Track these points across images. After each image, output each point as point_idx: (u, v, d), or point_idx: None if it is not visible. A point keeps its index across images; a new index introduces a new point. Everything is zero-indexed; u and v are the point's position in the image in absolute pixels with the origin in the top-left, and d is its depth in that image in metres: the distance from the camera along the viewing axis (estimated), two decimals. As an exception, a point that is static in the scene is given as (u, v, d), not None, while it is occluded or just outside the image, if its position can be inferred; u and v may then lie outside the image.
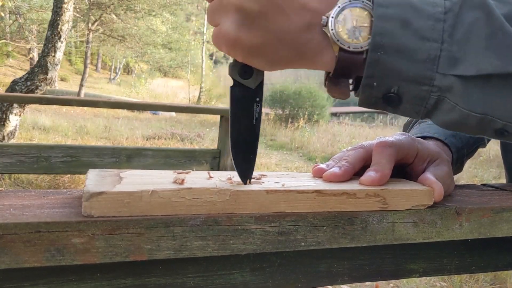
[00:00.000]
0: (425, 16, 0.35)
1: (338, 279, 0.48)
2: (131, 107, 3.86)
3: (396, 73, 0.36)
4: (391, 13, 0.35)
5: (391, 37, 0.35)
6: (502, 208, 0.48)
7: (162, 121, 10.80)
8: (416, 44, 0.35)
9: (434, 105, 0.37)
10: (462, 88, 0.35)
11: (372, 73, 0.36)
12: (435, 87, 0.36)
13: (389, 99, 0.38)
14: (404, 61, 0.35)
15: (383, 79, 0.36)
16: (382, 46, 0.35)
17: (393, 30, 0.35)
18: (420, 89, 0.36)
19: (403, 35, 0.35)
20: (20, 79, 4.52)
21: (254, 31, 0.37)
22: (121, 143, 7.00)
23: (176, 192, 0.37)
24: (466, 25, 0.35)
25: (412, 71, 0.35)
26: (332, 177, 0.46)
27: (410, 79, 0.36)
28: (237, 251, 0.39)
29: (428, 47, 0.35)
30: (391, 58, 0.35)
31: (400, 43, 0.35)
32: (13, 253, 0.32)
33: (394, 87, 0.37)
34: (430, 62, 0.35)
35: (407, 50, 0.35)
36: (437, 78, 0.35)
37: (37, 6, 11.73)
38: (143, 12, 13.25)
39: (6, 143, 3.65)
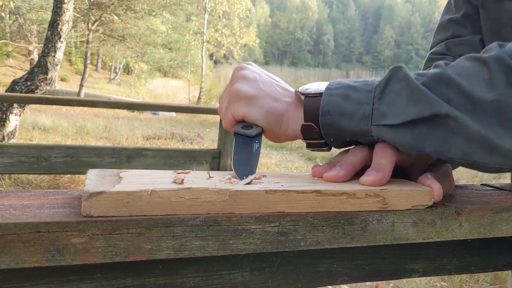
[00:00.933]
0: (360, 90, 0.47)
1: (338, 279, 0.48)
2: (131, 107, 3.87)
3: (343, 130, 0.47)
4: (335, 92, 0.48)
5: (335, 106, 0.47)
6: (502, 208, 0.48)
7: (162, 121, 10.80)
8: (354, 108, 0.46)
9: None
10: (393, 135, 0.45)
11: (327, 133, 0.48)
12: (375, 136, 0.46)
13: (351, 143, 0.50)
14: (347, 121, 0.47)
15: (336, 136, 0.48)
16: (328, 113, 0.47)
17: (336, 101, 0.47)
18: (365, 139, 0.47)
19: (344, 104, 0.47)
20: (20, 79, 4.52)
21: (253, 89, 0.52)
22: (121, 143, 7.01)
23: (175, 192, 0.37)
24: (392, 92, 0.45)
25: (353, 128, 0.46)
26: (333, 178, 0.46)
27: (354, 134, 0.47)
28: (237, 251, 0.39)
29: (363, 109, 0.46)
30: (336, 120, 0.47)
31: (342, 109, 0.47)
32: (13, 253, 0.32)
33: (347, 139, 0.49)
34: (365, 119, 0.46)
35: (348, 113, 0.46)
36: (373, 130, 0.46)
37: (37, 6, 11.72)
38: (143, 12, 13.25)
39: (6, 143, 3.65)
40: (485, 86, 0.43)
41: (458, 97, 0.43)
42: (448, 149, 0.44)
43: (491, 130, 0.42)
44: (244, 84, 0.51)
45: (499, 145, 0.42)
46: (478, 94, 0.42)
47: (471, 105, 0.43)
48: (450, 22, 0.84)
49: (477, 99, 0.42)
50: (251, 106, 0.50)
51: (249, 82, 0.51)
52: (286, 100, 0.52)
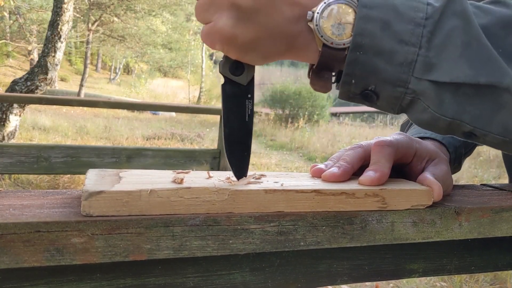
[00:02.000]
0: (406, 20, 0.36)
1: (338, 279, 0.48)
2: (131, 107, 3.87)
3: (373, 73, 0.37)
4: (373, 14, 0.36)
5: (371, 38, 0.36)
6: (501, 208, 0.48)
7: (162, 121, 10.80)
8: (394, 47, 0.36)
9: (409, 104, 0.39)
10: (434, 93, 0.37)
11: (351, 71, 0.38)
12: (409, 90, 0.38)
13: (366, 96, 0.40)
14: (382, 62, 0.37)
15: (360, 78, 0.38)
16: (361, 46, 0.37)
17: (374, 31, 0.36)
18: (396, 90, 0.38)
19: (383, 37, 0.36)
20: (20, 79, 4.52)
21: (249, 27, 0.38)
22: (121, 143, 7.00)
23: (174, 191, 0.37)
24: (444, 32, 0.36)
25: (389, 73, 0.37)
26: (331, 177, 0.46)
27: (386, 80, 0.38)
28: (237, 251, 0.39)
29: (405, 51, 0.36)
30: (369, 59, 0.37)
31: (379, 44, 0.36)
32: (13, 253, 0.32)
33: (371, 86, 0.39)
34: (406, 66, 0.37)
35: (385, 52, 0.37)
36: (412, 81, 0.37)
37: (37, 6, 11.73)
38: (143, 12, 13.25)
39: (6, 143, 3.65)
40: None
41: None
42: (489, 122, 0.38)
43: None
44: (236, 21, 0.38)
45: None
46: None
47: None
48: None
49: None
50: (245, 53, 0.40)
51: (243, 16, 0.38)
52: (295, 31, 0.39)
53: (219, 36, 0.39)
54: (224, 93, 0.42)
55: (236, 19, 0.38)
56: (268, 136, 9.73)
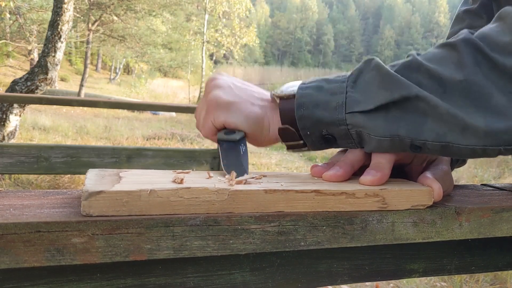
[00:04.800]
0: (333, 81, 0.48)
1: (338, 279, 0.48)
2: (131, 107, 3.87)
3: (318, 121, 0.47)
4: (309, 85, 0.49)
5: (309, 97, 0.47)
6: (502, 208, 0.48)
7: (162, 121, 10.80)
8: (328, 98, 0.47)
9: (358, 138, 0.47)
10: (368, 121, 0.45)
11: (303, 125, 0.48)
12: (349, 125, 0.46)
13: (328, 140, 0.49)
14: (321, 111, 0.47)
15: (312, 128, 0.48)
16: (303, 105, 0.47)
17: (311, 93, 0.48)
18: (340, 129, 0.47)
19: (318, 95, 0.47)
20: (20, 79, 4.52)
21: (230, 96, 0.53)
22: (121, 143, 7.00)
23: (174, 191, 0.37)
24: (364, 80, 0.46)
25: (329, 117, 0.47)
26: (332, 177, 0.46)
27: (330, 123, 0.47)
28: (237, 251, 0.39)
29: (336, 98, 0.46)
30: (311, 111, 0.47)
31: (316, 100, 0.47)
32: (13, 253, 0.32)
33: (323, 131, 0.48)
34: (339, 108, 0.46)
35: (322, 104, 0.47)
36: (347, 117, 0.46)
37: (37, 6, 11.72)
38: (143, 12, 13.25)
39: (6, 143, 3.65)
40: (454, 67, 0.44)
41: (428, 81, 0.44)
42: (421, 131, 0.44)
43: (462, 110, 0.42)
44: (220, 91, 0.51)
45: (470, 123, 0.42)
46: (447, 76, 0.43)
47: (441, 87, 0.43)
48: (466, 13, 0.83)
49: (446, 81, 0.43)
50: (230, 112, 0.50)
51: (224, 89, 0.52)
52: (263, 104, 0.52)
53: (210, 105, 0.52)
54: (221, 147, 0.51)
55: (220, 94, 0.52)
56: (268, 136, 9.69)
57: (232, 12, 22.23)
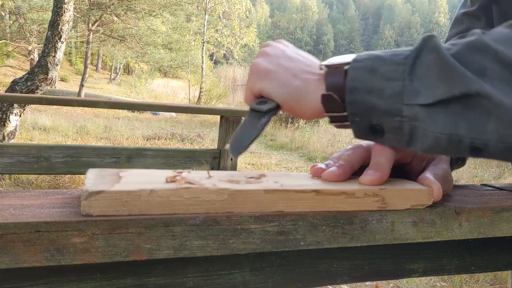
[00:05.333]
0: (389, 63, 0.43)
1: (338, 279, 0.48)
2: (131, 107, 3.87)
3: (371, 109, 0.43)
4: (361, 65, 0.44)
5: (362, 81, 0.43)
6: (501, 208, 0.48)
7: (162, 121, 10.80)
8: (382, 84, 0.42)
9: (410, 134, 0.43)
10: (426, 115, 0.41)
11: (353, 111, 0.44)
12: (405, 117, 0.42)
13: (375, 130, 0.45)
14: (375, 98, 0.43)
15: (362, 115, 0.44)
16: (355, 89, 0.43)
17: (363, 75, 0.43)
18: (394, 120, 0.43)
19: (372, 79, 0.43)
20: (20, 79, 4.52)
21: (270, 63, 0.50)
22: (122, 143, 7.01)
23: (174, 191, 0.37)
24: (423, 65, 0.42)
25: (383, 106, 0.42)
26: (331, 177, 0.46)
27: (383, 113, 0.43)
28: (237, 251, 0.39)
29: (393, 85, 0.42)
30: (364, 97, 0.43)
31: (369, 85, 0.43)
32: (13, 253, 0.32)
33: (373, 120, 0.44)
34: (396, 97, 0.42)
35: (376, 90, 0.43)
36: (404, 109, 0.42)
37: (38, 6, 11.73)
38: (143, 12, 13.25)
39: (6, 143, 3.64)
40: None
41: (495, 66, 0.39)
42: (483, 131, 0.40)
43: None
44: (264, 59, 0.50)
45: None
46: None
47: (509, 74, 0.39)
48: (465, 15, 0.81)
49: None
50: (267, 80, 0.49)
51: (269, 57, 0.50)
52: (307, 76, 0.48)
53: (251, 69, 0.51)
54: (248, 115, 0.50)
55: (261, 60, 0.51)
56: (268, 136, 9.73)
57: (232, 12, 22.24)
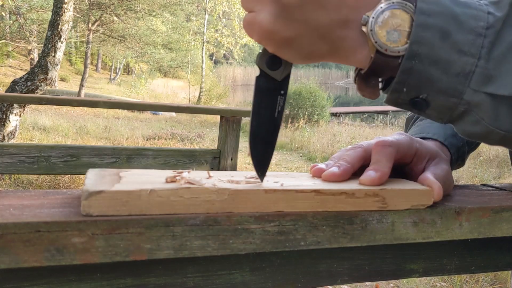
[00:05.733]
0: (466, 29, 0.35)
1: (338, 279, 0.48)
2: (131, 107, 3.87)
3: (427, 82, 0.36)
4: (431, 22, 0.35)
5: (428, 47, 0.35)
6: (502, 208, 0.48)
7: (162, 121, 10.80)
8: (452, 57, 0.35)
9: (460, 116, 0.38)
10: (491, 106, 0.35)
11: (404, 80, 0.36)
12: (463, 101, 0.36)
13: (416, 103, 0.38)
14: (438, 72, 0.35)
15: (413, 87, 0.37)
16: (418, 55, 0.35)
17: (432, 40, 0.35)
18: (449, 100, 0.36)
19: (441, 46, 0.35)
20: (20, 79, 4.52)
21: (291, 24, 0.37)
22: (121, 143, 7.01)
23: (174, 191, 0.37)
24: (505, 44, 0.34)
25: (444, 83, 0.35)
26: (331, 177, 0.46)
27: (440, 90, 0.36)
28: (237, 251, 0.39)
29: (464, 62, 0.35)
30: (425, 68, 0.35)
31: (437, 54, 0.35)
32: (13, 253, 0.32)
33: (423, 94, 0.37)
34: (463, 77, 0.35)
35: (442, 62, 0.35)
36: (468, 92, 0.35)
37: (37, 6, 11.73)
38: (143, 12, 13.25)
39: (6, 143, 3.64)
40: None
41: None
42: None
43: None
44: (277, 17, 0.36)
45: None
46: None
47: None
48: None
49: None
50: (287, 50, 0.38)
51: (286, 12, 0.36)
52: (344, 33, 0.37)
53: (258, 28, 0.37)
54: (257, 86, 0.41)
55: (277, 15, 0.36)
56: (268, 136, 9.69)
57: (232, 12, 22.24)
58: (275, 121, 0.42)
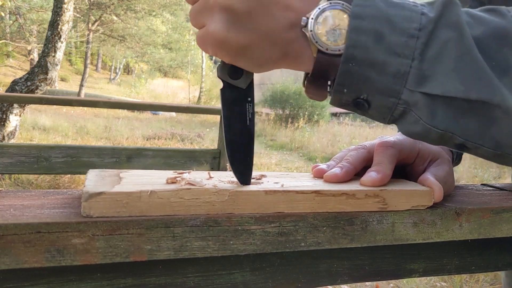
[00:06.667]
0: (399, 31, 0.35)
1: (338, 279, 0.48)
2: (131, 107, 3.87)
3: (365, 83, 0.37)
4: (365, 26, 0.35)
5: (364, 51, 0.35)
6: (502, 209, 0.48)
7: (162, 121, 10.80)
8: (387, 58, 0.35)
9: (400, 115, 0.39)
10: (427, 105, 0.36)
11: (343, 81, 0.37)
12: (401, 100, 0.37)
13: (358, 104, 0.39)
14: (374, 74, 0.36)
15: (352, 88, 0.37)
16: (354, 58, 0.36)
17: (366, 43, 0.35)
18: (388, 100, 0.37)
19: (376, 49, 0.35)
20: (20, 79, 4.52)
21: (241, 31, 0.37)
22: (121, 143, 7.01)
23: (175, 192, 0.37)
24: (438, 44, 0.35)
25: (381, 84, 0.36)
26: (333, 178, 0.46)
27: (378, 91, 0.37)
28: (237, 252, 0.39)
29: (398, 63, 0.35)
30: (362, 70, 0.36)
31: (372, 57, 0.36)
32: (13, 253, 0.32)
33: (363, 95, 0.38)
34: (399, 77, 0.36)
35: (378, 64, 0.36)
36: (405, 92, 0.36)
37: (37, 6, 11.73)
38: (143, 12, 13.26)
39: (6, 143, 3.64)
40: None
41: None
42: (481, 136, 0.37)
43: None
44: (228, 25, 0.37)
45: None
46: None
47: None
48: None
49: None
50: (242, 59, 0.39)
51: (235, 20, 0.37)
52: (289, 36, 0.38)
53: (212, 39, 0.38)
54: (223, 98, 0.41)
55: (228, 23, 0.37)
56: (268, 136, 9.73)
57: (232, 12, 22.17)
58: (249, 129, 0.42)
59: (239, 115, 0.42)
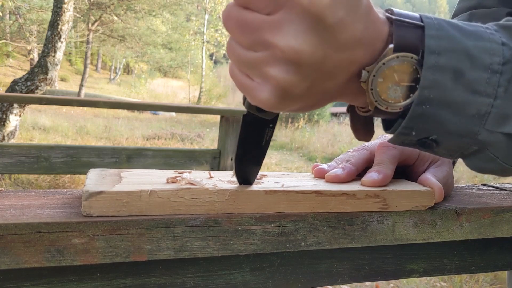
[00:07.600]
0: (481, 66, 0.32)
1: (338, 279, 0.48)
2: (131, 107, 3.87)
3: (439, 125, 0.33)
4: (443, 62, 0.31)
5: (440, 91, 0.32)
6: (502, 209, 0.48)
7: (162, 121, 10.80)
8: (466, 98, 0.32)
9: (472, 153, 0.36)
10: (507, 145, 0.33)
11: (413, 125, 0.33)
12: (477, 141, 0.34)
13: (424, 144, 0.35)
14: (450, 115, 0.32)
15: (423, 130, 0.34)
16: (429, 100, 0.32)
17: (444, 82, 0.31)
18: (461, 141, 0.34)
19: (454, 88, 0.31)
20: (20, 79, 4.52)
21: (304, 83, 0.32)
22: (121, 143, 7.01)
23: (175, 192, 0.37)
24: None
25: (458, 125, 0.33)
26: (335, 179, 0.46)
27: (453, 132, 0.33)
28: (238, 252, 0.39)
29: (479, 103, 0.32)
30: (436, 112, 0.32)
31: (449, 97, 0.32)
32: (13, 253, 0.32)
33: (432, 136, 0.34)
34: (478, 118, 0.32)
35: (456, 104, 0.32)
36: (482, 133, 0.33)
37: (37, 7, 11.73)
38: (143, 12, 13.26)
39: (6, 143, 3.64)
40: None
41: None
42: None
43: None
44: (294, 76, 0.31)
45: None
46: None
47: None
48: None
49: None
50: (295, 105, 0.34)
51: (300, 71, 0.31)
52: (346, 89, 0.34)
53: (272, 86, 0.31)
54: (245, 122, 0.38)
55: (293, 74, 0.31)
56: (268, 136, 9.70)
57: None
58: (262, 149, 0.40)
59: (257, 137, 0.39)
